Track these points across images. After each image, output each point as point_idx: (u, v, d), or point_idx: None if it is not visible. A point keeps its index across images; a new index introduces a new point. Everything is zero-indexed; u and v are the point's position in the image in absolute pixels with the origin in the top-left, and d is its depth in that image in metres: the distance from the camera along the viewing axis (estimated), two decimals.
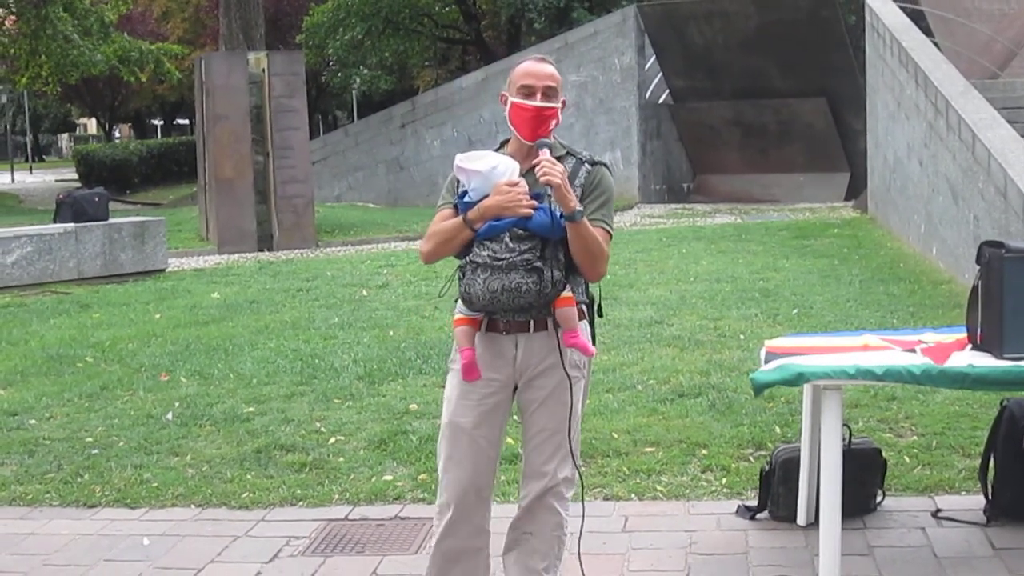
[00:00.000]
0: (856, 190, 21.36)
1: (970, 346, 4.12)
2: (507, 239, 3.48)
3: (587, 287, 3.69)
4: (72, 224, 13.59)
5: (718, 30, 23.05)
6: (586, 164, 3.63)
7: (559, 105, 3.59)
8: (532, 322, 3.57)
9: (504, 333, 3.60)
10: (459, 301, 3.61)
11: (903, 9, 15.92)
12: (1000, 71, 16.99)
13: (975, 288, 4.08)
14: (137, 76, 29.43)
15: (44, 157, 74.31)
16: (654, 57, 24.62)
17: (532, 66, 3.60)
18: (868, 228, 16.04)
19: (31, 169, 57.59)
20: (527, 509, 3.73)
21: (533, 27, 31.02)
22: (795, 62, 22.28)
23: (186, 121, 57.82)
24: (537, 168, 3.44)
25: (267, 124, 17.57)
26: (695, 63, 23.86)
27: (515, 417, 3.90)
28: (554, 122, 3.58)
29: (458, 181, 3.60)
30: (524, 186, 3.48)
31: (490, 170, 3.49)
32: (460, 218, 3.52)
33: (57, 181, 42.22)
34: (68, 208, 13.88)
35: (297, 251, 17.00)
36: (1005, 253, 3.96)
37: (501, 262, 3.46)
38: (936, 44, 14.98)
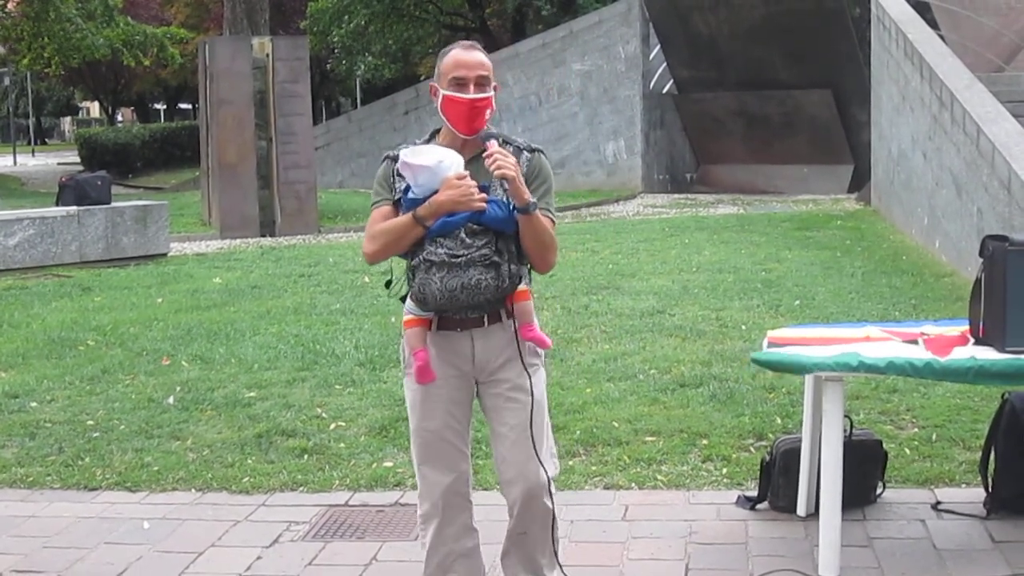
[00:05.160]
0: (860, 182, 21.32)
1: (972, 339, 4.11)
2: (463, 235, 3.36)
3: (531, 277, 3.58)
4: (74, 207, 13.59)
5: (723, 20, 22.99)
6: (525, 152, 3.50)
7: (492, 94, 3.47)
8: (485, 316, 3.47)
9: (459, 330, 3.49)
10: (408, 301, 3.51)
11: (909, 1, 15.88)
12: (1006, 64, 16.94)
13: (978, 281, 4.08)
14: (140, 60, 29.39)
15: (47, 140, 74.23)
16: (659, 47, 24.57)
17: (462, 55, 3.45)
18: (871, 220, 16.03)
19: (33, 152, 57.50)
20: (519, 516, 3.61)
21: (540, 14, 30.95)
22: (800, 53, 22.24)
23: (189, 106, 57.75)
24: (488, 160, 3.32)
25: (270, 109, 17.56)
26: (700, 53, 23.81)
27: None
28: (489, 111, 3.46)
29: (396, 177, 3.47)
30: (471, 180, 3.37)
31: (437, 164, 3.36)
32: (409, 216, 3.38)
33: (59, 164, 42.18)
34: (71, 191, 13.87)
35: (299, 237, 17.00)
36: (1009, 247, 3.96)
37: (459, 259, 3.36)
38: (942, 37, 14.94)
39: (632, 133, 23.81)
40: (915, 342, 4.17)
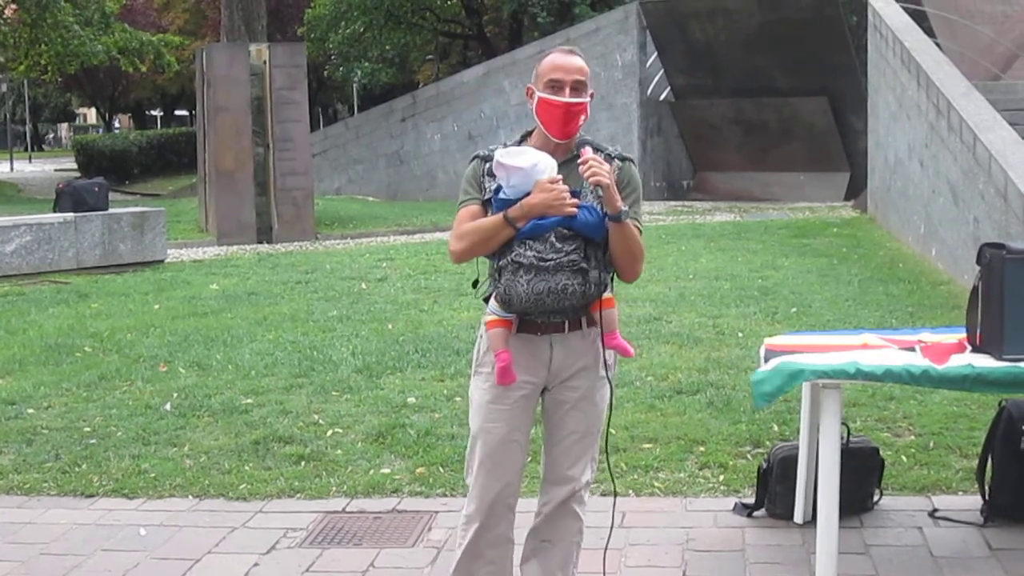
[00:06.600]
0: (856, 190, 21.36)
1: (969, 347, 4.12)
2: (552, 239, 3.34)
3: (612, 287, 3.57)
4: (72, 214, 13.59)
5: (720, 28, 23.04)
6: (616, 160, 3.50)
7: (588, 100, 3.46)
8: (567, 322, 3.45)
9: (539, 334, 3.46)
10: (491, 302, 3.47)
11: (905, 9, 15.91)
12: (1002, 73, 16.99)
13: (975, 289, 4.08)
14: (137, 67, 29.43)
15: (43, 146, 74.24)
16: (656, 54, 24.62)
17: (560, 59, 3.44)
18: (868, 228, 16.04)
19: (30, 158, 57.58)
20: (548, 517, 3.62)
21: (536, 22, 31.00)
22: (797, 61, 22.28)
23: (186, 112, 57.81)
24: (583, 167, 3.30)
25: (268, 116, 17.56)
26: (697, 61, 23.86)
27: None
28: (583, 117, 3.44)
29: (487, 177, 3.44)
30: (563, 184, 3.36)
31: (531, 167, 3.33)
32: (500, 216, 3.35)
33: (56, 171, 42.21)
34: (68, 198, 13.87)
35: (296, 243, 16.98)
36: (1006, 255, 3.96)
37: (548, 263, 3.34)
38: (938, 45, 14.98)
39: (629, 140, 23.81)
40: (912, 349, 4.17)
